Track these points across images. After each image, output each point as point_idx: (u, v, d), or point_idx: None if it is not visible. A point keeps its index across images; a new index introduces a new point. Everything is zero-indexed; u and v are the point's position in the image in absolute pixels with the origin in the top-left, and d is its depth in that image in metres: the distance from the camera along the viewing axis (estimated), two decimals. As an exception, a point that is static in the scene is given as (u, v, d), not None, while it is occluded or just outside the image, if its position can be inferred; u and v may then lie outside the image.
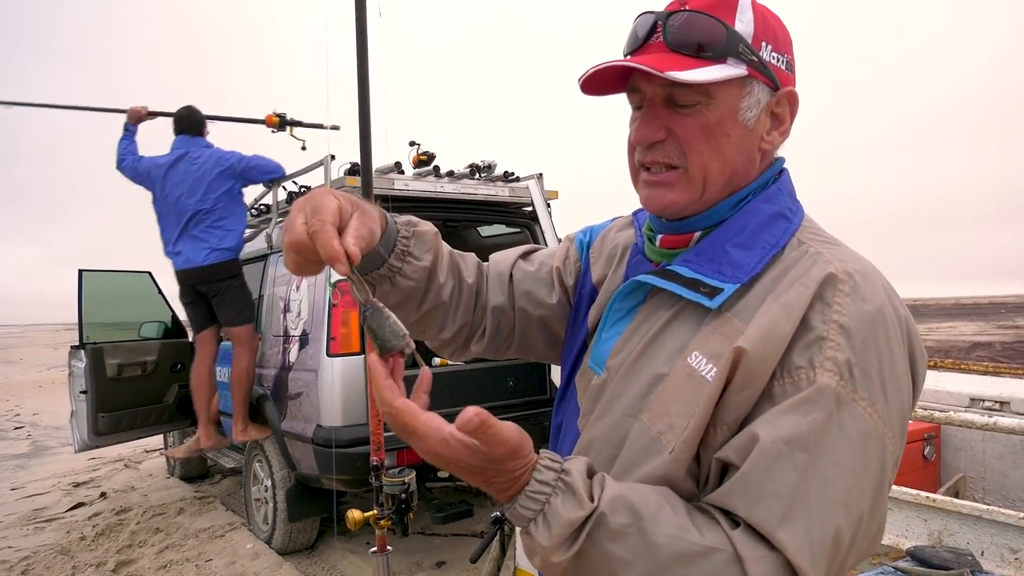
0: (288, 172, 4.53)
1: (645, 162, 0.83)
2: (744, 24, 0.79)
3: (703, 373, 0.73)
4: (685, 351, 0.76)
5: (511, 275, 1.06)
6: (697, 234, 0.84)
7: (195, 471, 6.28)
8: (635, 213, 1.00)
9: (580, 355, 0.95)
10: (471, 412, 0.64)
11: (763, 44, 0.79)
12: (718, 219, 0.83)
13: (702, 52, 0.77)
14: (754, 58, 0.78)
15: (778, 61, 0.81)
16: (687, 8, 0.79)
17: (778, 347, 0.70)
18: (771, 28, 0.81)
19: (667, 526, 0.66)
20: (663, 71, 0.75)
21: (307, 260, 0.77)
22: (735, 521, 0.67)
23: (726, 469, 0.71)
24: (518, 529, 0.67)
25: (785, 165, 0.88)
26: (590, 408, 0.86)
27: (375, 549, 2.42)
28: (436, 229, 0.97)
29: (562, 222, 4.61)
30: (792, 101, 0.82)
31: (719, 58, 0.77)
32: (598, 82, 0.83)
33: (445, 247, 0.99)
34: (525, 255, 1.09)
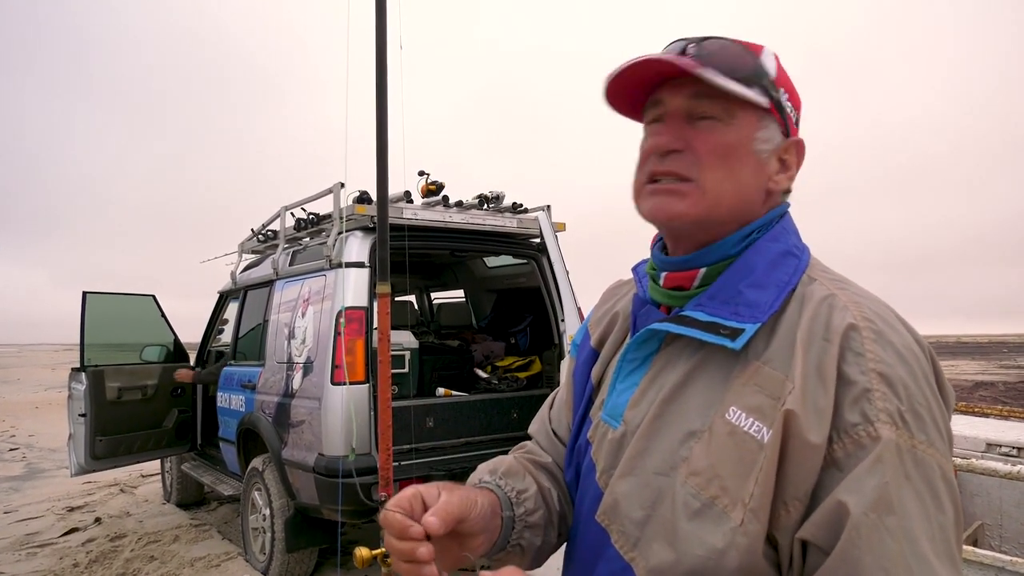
0: (299, 198, 4.54)
1: (658, 171, 0.80)
2: (769, 65, 0.81)
3: (747, 430, 0.71)
4: (720, 406, 0.74)
5: (553, 430, 1.04)
6: (702, 271, 0.81)
7: (192, 497, 6.19)
8: (634, 268, 0.97)
9: (587, 411, 0.93)
10: None
11: (780, 90, 0.81)
12: (721, 255, 0.80)
13: (733, 72, 0.77)
14: (775, 95, 0.80)
15: (790, 111, 0.82)
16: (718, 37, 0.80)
17: (824, 413, 0.68)
18: (787, 80, 0.83)
19: None
20: (697, 70, 0.75)
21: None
22: None
23: (807, 547, 0.68)
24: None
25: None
26: (610, 463, 0.83)
27: (380, 586, 2.35)
28: (520, 467, 0.96)
29: (569, 255, 4.62)
30: (800, 151, 0.83)
31: (747, 82, 0.78)
32: (624, 91, 0.83)
33: (534, 479, 0.96)
34: (551, 405, 1.08)
